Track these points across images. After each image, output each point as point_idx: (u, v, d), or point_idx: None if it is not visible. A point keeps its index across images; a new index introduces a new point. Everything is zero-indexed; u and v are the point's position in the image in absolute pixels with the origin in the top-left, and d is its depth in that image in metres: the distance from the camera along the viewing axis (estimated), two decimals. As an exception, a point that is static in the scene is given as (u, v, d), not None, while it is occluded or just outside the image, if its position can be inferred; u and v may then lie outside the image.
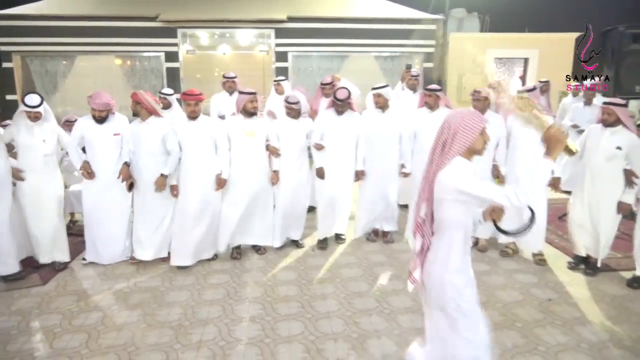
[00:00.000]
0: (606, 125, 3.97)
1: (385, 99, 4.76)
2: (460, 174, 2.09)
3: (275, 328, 3.33)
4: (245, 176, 4.50)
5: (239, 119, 4.50)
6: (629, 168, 3.92)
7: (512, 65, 13.61)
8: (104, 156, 4.32)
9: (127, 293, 3.91)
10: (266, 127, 4.61)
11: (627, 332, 3.24)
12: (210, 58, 10.80)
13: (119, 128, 4.35)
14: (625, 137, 3.89)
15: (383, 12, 10.23)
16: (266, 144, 4.60)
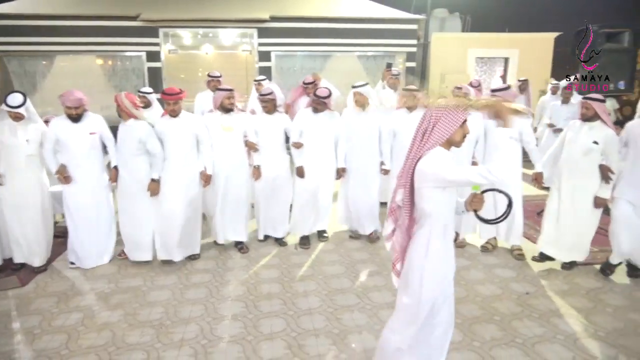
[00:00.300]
0: (584, 119, 4.06)
1: (365, 97, 4.80)
2: (437, 161, 2.16)
3: (258, 325, 3.35)
4: (224, 171, 4.58)
5: (217, 115, 4.57)
6: (605, 164, 4.01)
7: (493, 65, 13.80)
8: (82, 156, 4.25)
9: (108, 293, 3.88)
10: (244, 122, 4.68)
11: (602, 323, 3.33)
12: (192, 58, 10.75)
13: (95, 127, 4.32)
14: (602, 132, 3.98)
15: (366, 11, 10.29)
16: (244, 139, 4.67)
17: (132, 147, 4.28)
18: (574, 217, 4.13)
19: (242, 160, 4.69)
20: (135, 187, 4.33)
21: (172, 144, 4.34)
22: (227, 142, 4.57)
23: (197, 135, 4.41)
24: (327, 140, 4.83)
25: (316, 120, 4.77)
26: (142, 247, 4.44)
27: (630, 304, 3.63)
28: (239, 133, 4.63)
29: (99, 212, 4.39)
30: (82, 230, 4.34)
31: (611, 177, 3.98)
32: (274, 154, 4.79)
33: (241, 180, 4.68)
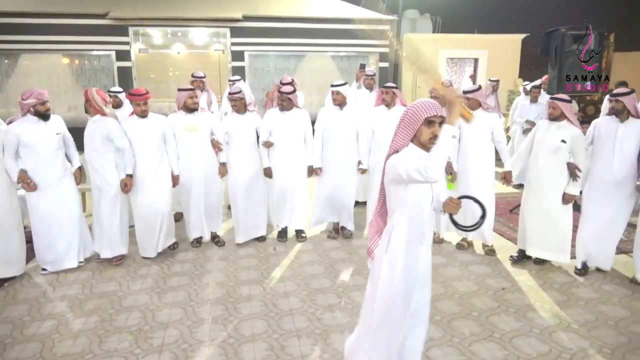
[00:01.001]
0: (551, 119, 4.19)
1: (344, 96, 4.82)
2: (399, 157, 2.16)
3: (239, 328, 3.32)
4: (190, 172, 4.61)
5: (180, 115, 4.58)
6: (572, 162, 4.15)
7: (463, 65, 14.07)
8: (50, 158, 4.13)
9: (82, 299, 3.78)
10: (209, 121, 4.69)
11: (574, 316, 3.44)
12: (164, 57, 10.59)
13: (59, 127, 4.24)
14: (569, 131, 4.10)
15: (339, 12, 10.34)
16: (211, 138, 4.70)
17: (97, 143, 4.21)
18: (549, 216, 4.22)
19: (210, 160, 4.71)
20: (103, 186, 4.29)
21: (140, 144, 4.33)
22: (192, 142, 4.58)
23: (165, 135, 4.43)
24: (295, 139, 4.86)
25: (283, 119, 4.79)
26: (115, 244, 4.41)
27: (600, 296, 3.76)
28: (204, 132, 4.64)
29: (67, 214, 4.27)
30: (50, 234, 4.21)
31: (578, 174, 4.12)
32: (246, 153, 4.79)
33: (209, 179, 4.73)
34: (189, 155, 4.58)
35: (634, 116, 3.96)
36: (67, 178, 4.29)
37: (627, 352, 2.99)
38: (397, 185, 2.22)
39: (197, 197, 4.68)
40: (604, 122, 4.16)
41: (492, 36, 13.47)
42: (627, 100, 3.93)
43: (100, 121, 4.22)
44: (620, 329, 3.27)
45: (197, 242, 4.87)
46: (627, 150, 3.96)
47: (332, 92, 4.86)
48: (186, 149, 4.56)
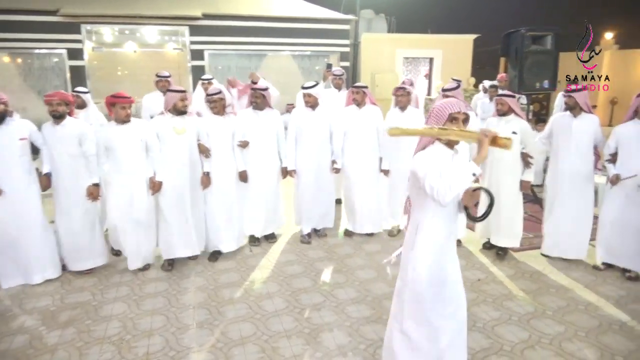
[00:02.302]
0: (500, 114, 4.42)
1: (315, 97, 4.83)
2: (423, 158, 2.23)
3: (226, 332, 3.26)
4: (177, 177, 4.30)
5: (168, 118, 4.32)
6: (525, 151, 4.39)
7: (418, 65, 14.43)
8: (11, 165, 3.87)
9: (54, 311, 3.59)
10: (197, 125, 4.45)
11: (548, 303, 3.62)
12: (119, 56, 10.20)
13: (24, 132, 3.95)
14: (518, 124, 4.35)
15: (300, 11, 10.33)
16: (197, 142, 4.46)
17: (71, 148, 4.00)
18: (504, 205, 4.41)
19: (196, 166, 4.44)
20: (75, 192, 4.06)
21: (121, 153, 4.06)
22: (180, 145, 4.30)
23: (147, 141, 4.16)
24: (269, 140, 4.81)
25: (257, 119, 4.72)
26: (87, 256, 4.19)
27: (568, 283, 3.98)
28: (192, 136, 4.38)
29: (31, 224, 4.02)
30: (12, 246, 3.95)
31: (531, 162, 4.37)
32: (225, 158, 4.59)
33: (196, 187, 4.45)
34: (176, 160, 4.26)
35: (586, 111, 4.23)
36: (33, 186, 4.00)
37: (599, 334, 3.18)
38: (415, 186, 2.31)
39: (183, 207, 4.33)
40: (560, 117, 4.42)
41: (446, 36, 13.89)
42: (579, 97, 4.18)
43: (73, 123, 4.02)
44: (590, 312, 3.48)
45: (169, 264, 4.35)
46: (582, 143, 4.23)
47: (304, 94, 4.85)
48: (172, 153, 4.25)
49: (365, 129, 4.98)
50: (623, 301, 3.65)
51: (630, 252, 4.00)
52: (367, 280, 4.06)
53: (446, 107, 2.27)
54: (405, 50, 13.57)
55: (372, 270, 4.26)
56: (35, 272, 4.04)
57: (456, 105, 2.28)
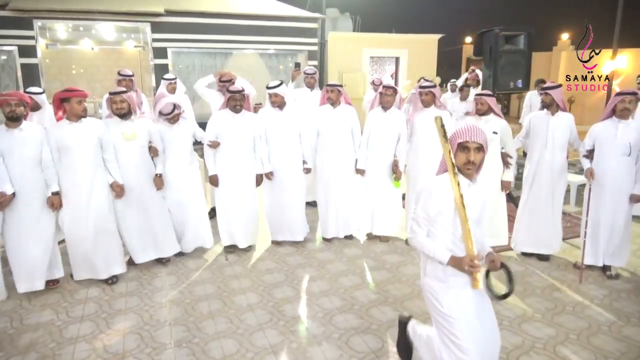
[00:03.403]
0: (480, 114, 4.40)
1: (282, 97, 4.63)
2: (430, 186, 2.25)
3: (207, 350, 3.04)
4: (132, 184, 4.06)
5: (116, 122, 4.04)
6: (504, 151, 4.38)
7: (384, 64, 14.46)
8: None
9: (12, 334, 3.25)
10: (147, 127, 4.18)
11: (535, 305, 3.59)
12: (76, 54, 9.65)
13: None
14: (498, 123, 4.36)
15: (266, 9, 10.10)
16: (149, 145, 4.21)
17: (32, 154, 3.65)
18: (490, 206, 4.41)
19: (150, 172, 4.22)
20: (34, 203, 3.69)
21: (76, 152, 3.75)
22: (131, 152, 4.05)
23: (102, 141, 3.87)
24: (246, 143, 4.57)
25: (235, 122, 4.48)
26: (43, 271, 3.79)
27: (552, 284, 3.97)
28: (143, 140, 4.12)
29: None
30: None
31: (510, 162, 4.36)
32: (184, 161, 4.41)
33: (152, 194, 4.22)
34: (127, 166, 4.03)
35: (562, 109, 4.25)
36: None
37: (590, 336, 3.16)
38: None
39: (139, 214, 4.15)
40: (537, 116, 4.43)
41: (412, 36, 13.97)
42: (555, 94, 4.20)
43: (33, 127, 3.68)
44: (577, 314, 3.46)
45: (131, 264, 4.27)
46: (559, 140, 4.25)
47: (270, 94, 4.64)
48: (124, 161, 4.01)
49: (340, 128, 4.83)
50: (607, 300, 3.66)
51: (611, 250, 4.04)
52: (351, 287, 3.91)
53: (457, 134, 2.20)
54: (372, 49, 13.56)
55: (355, 277, 4.12)
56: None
57: (467, 132, 2.17)
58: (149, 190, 4.19)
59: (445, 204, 2.18)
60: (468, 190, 2.20)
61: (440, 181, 2.22)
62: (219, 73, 5.70)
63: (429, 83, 4.65)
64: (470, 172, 2.20)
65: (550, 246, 4.42)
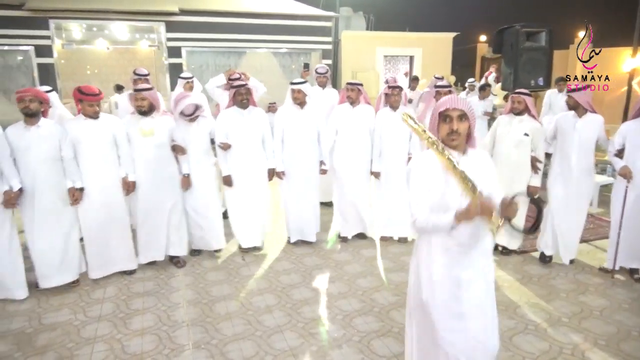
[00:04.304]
0: (516, 113, 4.27)
1: (304, 94, 4.57)
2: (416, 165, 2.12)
3: (225, 352, 2.99)
4: (146, 181, 4.04)
5: (136, 118, 4.03)
6: (534, 155, 4.25)
7: (397, 63, 14.34)
8: None
9: (30, 334, 3.23)
10: (168, 125, 4.14)
11: (561, 309, 3.48)
12: (91, 53, 9.70)
13: None
14: (531, 125, 4.21)
15: (281, 7, 10.05)
16: (172, 144, 4.15)
17: (50, 152, 3.65)
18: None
19: (168, 169, 4.15)
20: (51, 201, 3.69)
21: (89, 148, 3.78)
22: (148, 148, 4.01)
23: (116, 138, 3.88)
24: (255, 141, 4.51)
25: (241, 118, 4.42)
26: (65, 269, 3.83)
27: (577, 287, 3.86)
28: (162, 137, 4.07)
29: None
30: None
31: (539, 166, 4.24)
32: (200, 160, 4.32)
33: (168, 190, 4.15)
34: (143, 163, 4.01)
35: (590, 111, 4.11)
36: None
37: (620, 342, 3.06)
38: None
39: (154, 211, 4.11)
40: (564, 117, 4.29)
41: (426, 34, 13.84)
42: (579, 97, 4.05)
43: (51, 124, 3.68)
44: (605, 318, 3.35)
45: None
46: (586, 143, 4.11)
47: (293, 90, 4.57)
48: (140, 156, 3.99)
49: (359, 128, 4.77)
50: (636, 305, 3.54)
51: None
52: (370, 289, 3.84)
53: (437, 106, 2.07)
54: (386, 48, 13.45)
55: (373, 278, 4.05)
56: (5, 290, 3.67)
57: (448, 101, 2.02)
58: (164, 188, 4.12)
59: (434, 173, 2.03)
60: (460, 165, 2.00)
61: (425, 154, 2.09)
62: (229, 72, 5.66)
63: (446, 82, 4.58)
64: (456, 143, 2.03)
65: (572, 250, 4.30)
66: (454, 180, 1.96)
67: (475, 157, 2.11)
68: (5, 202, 3.53)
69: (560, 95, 7.02)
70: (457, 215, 1.89)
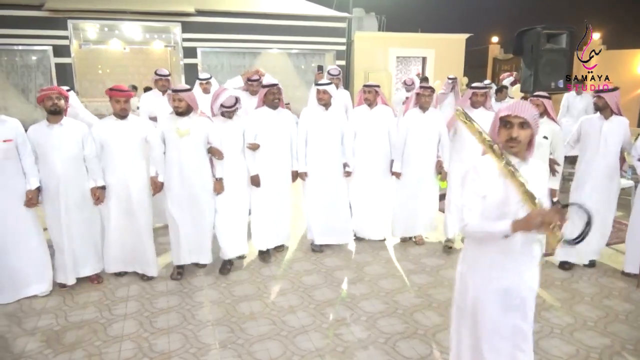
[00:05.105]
0: None
1: (330, 95, 4.58)
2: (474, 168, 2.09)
3: (252, 352, 3.01)
4: (180, 182, 4.00)
5: (172, 118, 4.02)
6: (553, 157, 4.24)
7: (409, 64, 14.32)
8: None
9: (58, 331, 3.27)
10: (205, 126, 4.09)
11: (585, 313, 3.46)
12: (108, 53, 9.78)
13: (9, 133, 3.54)
14: (550, 127, 4.18)
15: (295, 8, 10.08)
16: (208, 146, 4.13)
17: (73, 151, 3.70)
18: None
19: (204, 171, 4.09)
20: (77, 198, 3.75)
21: (118, 148, 3.81)
22: (183, 148, 3.96)
23: (147, 138, 3.91)
24: (283, 142, 4.53)
25: (271, 119, 4.42)
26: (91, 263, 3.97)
27: (600, 291, 3.84)
28: (199, 138, 4.03)
29: (23, 234, 3.67)
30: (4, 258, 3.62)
31: (557, 169, 4.22)
32: (234, 162, 4.26)
33: (201, 192, 4.09)
34: (178, 163, 3.95)
35: (617, 114, 4.08)
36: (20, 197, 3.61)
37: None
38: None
39: (187, 214, 4.06)
40: (589, 120, 4.26)
41: (439, 35, 13.80)
42: (609, 97, 4.03)
43: (73, 123, 3.72)
44: (631, 323, 3.33)
45: (178, 272, 4.11)
46: (612, 146, 4.09)
47: (318, 90, 4.57)
48: (175, 156, 3.95)
49: (377, 130, 4.78)
50: (661, 309, 3.52)
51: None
52: (392, 290, 3.84)
53: (500, 110, 2.05)
54: (398, 49, 13.43)
55: (395, 280, 4.05)
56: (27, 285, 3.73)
57: (510, 107, 1.99)
58: (200, 190, 4.05)
59: (492, 179, 2.00)
60: (520, 171, 1.97)
61: (485, 159, 2.06)
62: (247, 73, 5.69)
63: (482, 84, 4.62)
64: (515, 151, 2.01)
65: (595, 253, 4.28)
66: (511, 187, 1.93)
67: (535, 166, 2.09)
68: (27, 202, 3.60)
69: (579, 98, 6.98)
70: (514, 225, 1.86)
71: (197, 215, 4.09)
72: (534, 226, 1.82)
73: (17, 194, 3.61)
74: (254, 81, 5.54)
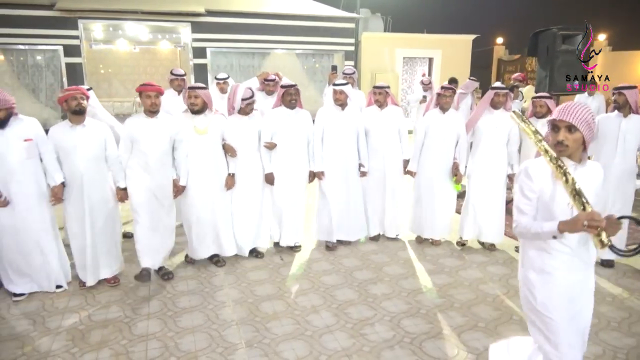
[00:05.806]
0: (539, 117, 4.33)
1: (346, 96, 4.60)
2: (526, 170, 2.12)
3: (279, 351, 3.01)
4: (200, 180, 4.10)
5: (189, 116, 4.08)
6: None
7: (415, 65, 14.33)
8: (14, 169, 3.51)
9: (83, 330, 3.28)
10: (221, 124, 4.19)
11: (608, 313, 3.46)
12: (118, 53, 9.78)
13: (30, 132, 3.57)
14: None
15: (304, 9, 10.09)
16: (222, 143, 4.21)
17: (95, 151, 3.72)
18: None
19: (220, 168, 4.22)
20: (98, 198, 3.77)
21: (146, 146, 3.82)
22: (202, 146, 4.08)
23: (175, 139, 3.93)
24: (301, 142, 4.56)
25: (288, 119, 4.46)
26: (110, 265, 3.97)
27: (622, 291, 3.83)
28: (215, 136, 4.14)
29: (41, 232, 3.69)
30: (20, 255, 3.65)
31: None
32: (249, 160, 4.36)
33: (220, 189, 4.22)
34: (197, 161, 4.06)
35: (635, 112, 4.09)
36: (43, 192, 3.66)
37: (674, 348, 3.04)
38: None
39: (205, 210, 4.16)
40: (606, 118, 4.27)
41: (445, 36, 13.83)
42: (630, 94, 4.03)
43: (96, 124, 3.74)
44: (655, 323, 3.33)
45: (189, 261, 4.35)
46: (630, 144, 4.10)
47: (335, 91, 4.60)
48: (194, 155, 4.05)
49: (387, 130, 4.79)
50: (685, 311, 3.52)
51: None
52: (413, 291, 3.85)
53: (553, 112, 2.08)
54: (405, 49, 13.47)
55: (415, 280, 4.05)
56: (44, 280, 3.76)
57: (558, 110, 2.01)
58: (219, 187, 4.20)
59: (544, 181, 2.04)
60: (574, 173, 2.00)
61: (538, 160, 2.10)
62: (263, 75, 5.74)
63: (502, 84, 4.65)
64: (564, 154, 2.01)
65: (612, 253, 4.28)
66: (563, 189, 1.95)
67: (591, 169, 2.10)
68: (53, 197, 3.64)
69: (591, 98, 6.98)
70: (561, 226, 1.89)
71: (216, 210, 4.19)
72: (580, 229, 1.84)
73: (38, 194, 3.64)
74: (270, 81, 5.59)
